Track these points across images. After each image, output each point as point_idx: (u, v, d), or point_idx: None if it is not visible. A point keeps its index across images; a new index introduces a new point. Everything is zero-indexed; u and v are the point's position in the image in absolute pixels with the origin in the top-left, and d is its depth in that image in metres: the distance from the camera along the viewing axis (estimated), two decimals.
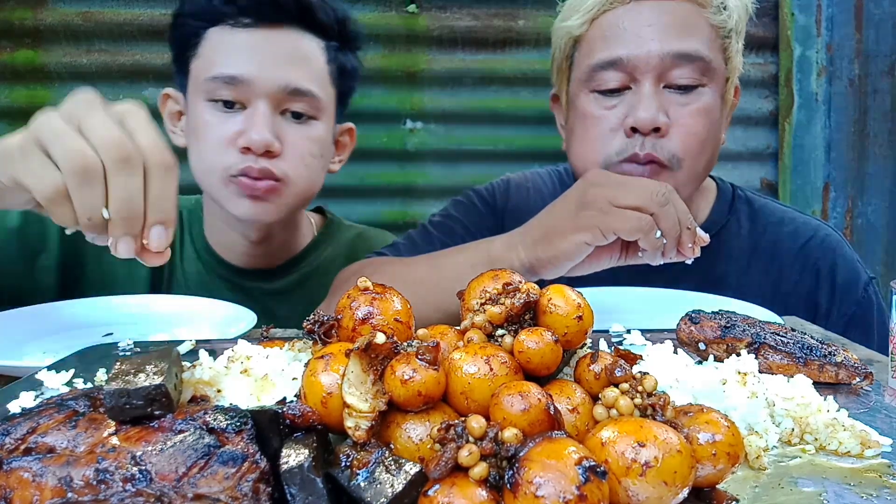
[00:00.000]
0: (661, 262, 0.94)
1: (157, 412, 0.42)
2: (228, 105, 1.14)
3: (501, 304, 0.50)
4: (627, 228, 0.89)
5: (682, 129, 1.11)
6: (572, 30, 1.17)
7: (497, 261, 0.98)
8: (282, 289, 1.33)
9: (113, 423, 0.42)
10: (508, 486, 0.37)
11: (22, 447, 0.41)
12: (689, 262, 0.94)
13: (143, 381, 0.43)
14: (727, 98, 1.20)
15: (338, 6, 1.22)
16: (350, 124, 1.36)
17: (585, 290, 0.60)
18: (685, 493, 0.40)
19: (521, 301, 0.50)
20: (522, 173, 1.43)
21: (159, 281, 1.30)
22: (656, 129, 1.09)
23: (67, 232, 0.73)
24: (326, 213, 1.48)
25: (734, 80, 1.20)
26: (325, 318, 0.53)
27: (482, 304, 0.51)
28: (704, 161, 1.15)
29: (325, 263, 1.37)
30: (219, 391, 0.53)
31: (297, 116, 1.17)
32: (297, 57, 1.15)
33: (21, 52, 2.21)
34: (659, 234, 0.89)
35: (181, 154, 1.23)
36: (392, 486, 0.39)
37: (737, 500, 0.44)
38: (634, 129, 1.10)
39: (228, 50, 1.14)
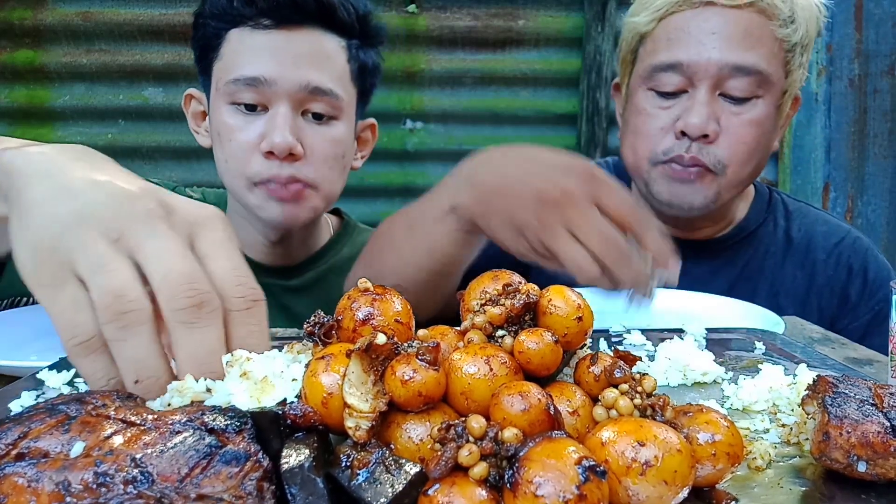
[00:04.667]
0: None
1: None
2: (250, 108, 1.14)
3: (501, 304, 0.50)
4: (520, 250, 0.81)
5: (730, 137, 1.13)
6: (639, 26, 1.19)
7: (453, 212, 0.89)
8: (299, 286, 1.33)
9: (108, 426, 0.42)
10: (508, 485, 0.37)
11: (13, 452, 0.40)
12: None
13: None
14: (782, 109, 1.21)
15: (359, 2, 1.20)
16: (372, 120, 1.36)
17: (585, 291, 0.60)
18: (685, 492, 0.40)
19: (521, 302, 0.50)
20: None
21: None
22: (705, 136, 1.11)
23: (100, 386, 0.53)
24: (343, 214, 1.49)
25: (793, 93, 1.22)
26: (326, 319, 0.53)
27: (482, 305, 0.51)
28: (749, 169, 1.18)
29: (342, 262, 1.38)
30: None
31: (318, 118, 1.17)
32: (318, 57, 1.15)
33: (21, 52, 2.21)
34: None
35: (207, 154, 1.24)
36: (392, 486, 0.39)
37: (736, 500, 0.44)
38: (684, 133, 1.12)
39: (249, 52, 1.14)
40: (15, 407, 0.57)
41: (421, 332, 0.49)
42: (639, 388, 0.46)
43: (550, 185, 0.78)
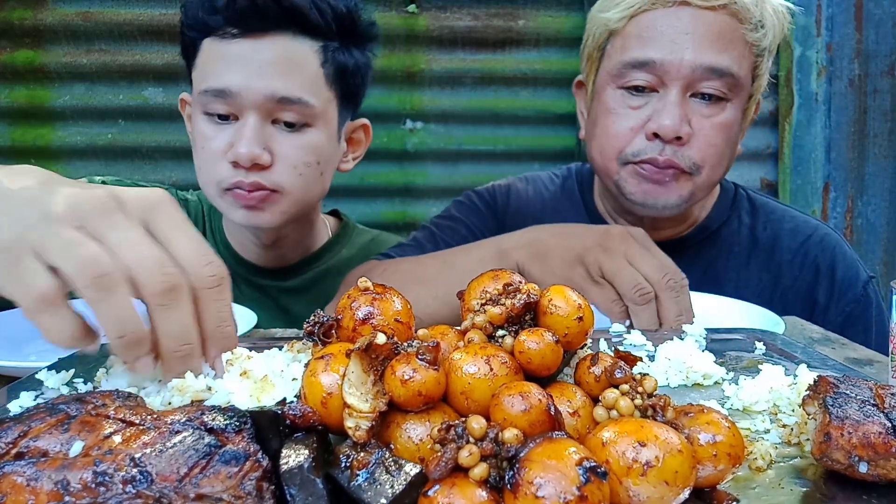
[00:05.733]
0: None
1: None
2: (222, 118, 1.14)
3: (502, 304, 0.50)
4: (599, 307, 0.90)
5: (702, 139, 1.12)
6: (609, 22, 1.17)
7: (505, 256, 1.00)
8: (297, 287, 1.33)
9: (107, 425, 0.42)
10: (509, 486, 0.37)
11: (13, 451, 0.40)
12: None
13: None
14: (747, 113, 1.21)
15: (339, 2, 1.17)
16: (364, 120, 1.34)
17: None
18: (686, 493, 0.40)
19: (522, 302, 0.50)
20: (525, 177, 1.43)
21: None
22: (678, 138, 1.10)
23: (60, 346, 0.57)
24: (342, 216, 1.48)
25: (757, 97, 1.21)
26: (325, 318, 0.53)
27: (482, 305, 0.51)
28: (721, 171, 1.18)
29: (340, 264, 1.37)
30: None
31: (290, 125, 1.15)
32: (286, 65, 1.13)
33: (21, 52, 2.21)
34: (629, 323, 0.89)
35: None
36: (392, 486, 0.39)
37: (737, 501, 0.44)
38: (656, 135, 1.11)
39: (217, 62, 1.13)
40: (14, 407, 0.57)
41: (421, 331, 0.49)
42: (639, 389, 0.46)
43: (611, 228, 0.97)
